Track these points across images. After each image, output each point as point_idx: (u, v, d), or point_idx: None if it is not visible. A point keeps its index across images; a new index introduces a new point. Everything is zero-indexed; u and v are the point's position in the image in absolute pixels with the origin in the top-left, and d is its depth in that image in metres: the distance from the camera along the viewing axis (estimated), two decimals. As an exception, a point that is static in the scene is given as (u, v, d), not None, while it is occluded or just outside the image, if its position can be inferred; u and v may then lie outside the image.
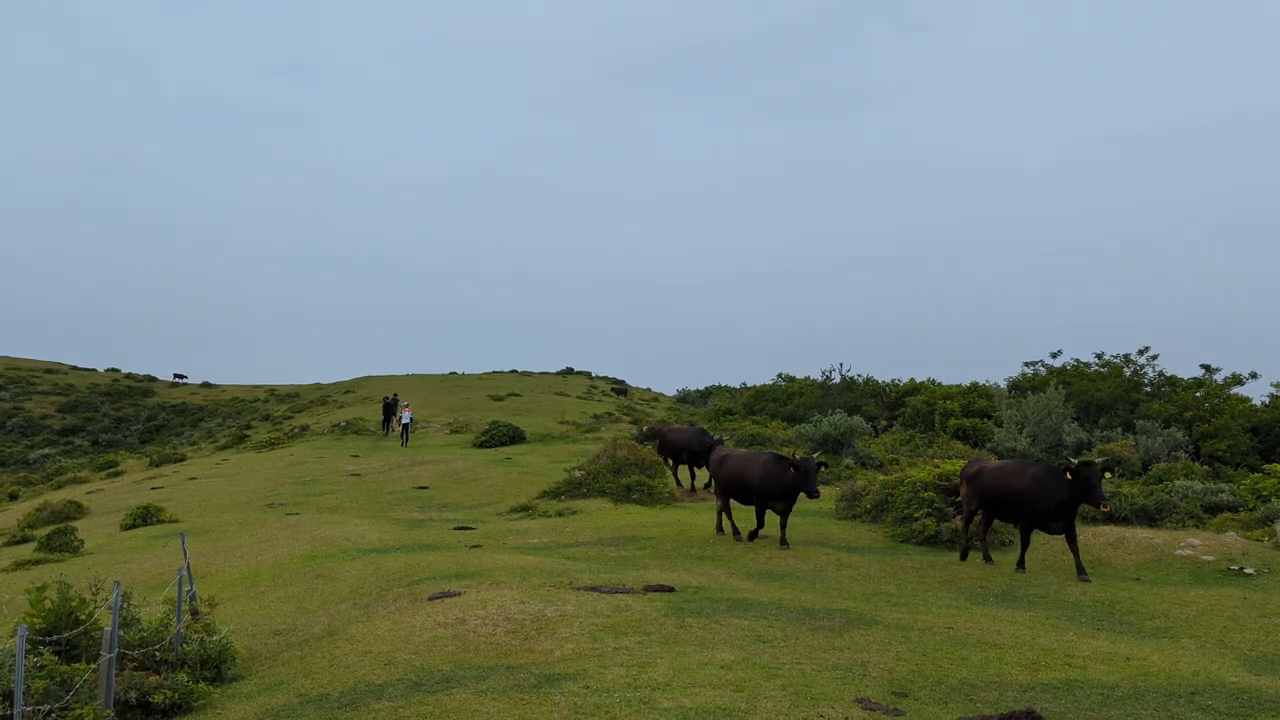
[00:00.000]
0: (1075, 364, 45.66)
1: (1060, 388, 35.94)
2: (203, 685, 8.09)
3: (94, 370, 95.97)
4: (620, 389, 76.06)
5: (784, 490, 14.79)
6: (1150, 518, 16.54)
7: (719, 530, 16.37)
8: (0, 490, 41.08)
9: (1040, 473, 13.36)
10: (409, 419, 39.25)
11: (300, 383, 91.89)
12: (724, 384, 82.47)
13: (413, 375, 75.82)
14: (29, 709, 6.83)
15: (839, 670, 7.69)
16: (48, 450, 64.07)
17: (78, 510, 25.44)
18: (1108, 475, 13.31)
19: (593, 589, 10.82)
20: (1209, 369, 39.91)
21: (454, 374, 79.40)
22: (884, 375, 64.80)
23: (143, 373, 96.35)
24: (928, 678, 7.60)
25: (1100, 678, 7.77)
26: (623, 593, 10.67)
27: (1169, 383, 40.88)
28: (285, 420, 57.03)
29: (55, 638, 7.89)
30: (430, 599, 10.56)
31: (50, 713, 6.90)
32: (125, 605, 8.62)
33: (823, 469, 16.32)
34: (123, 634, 8.19)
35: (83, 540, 19.16)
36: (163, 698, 7.65)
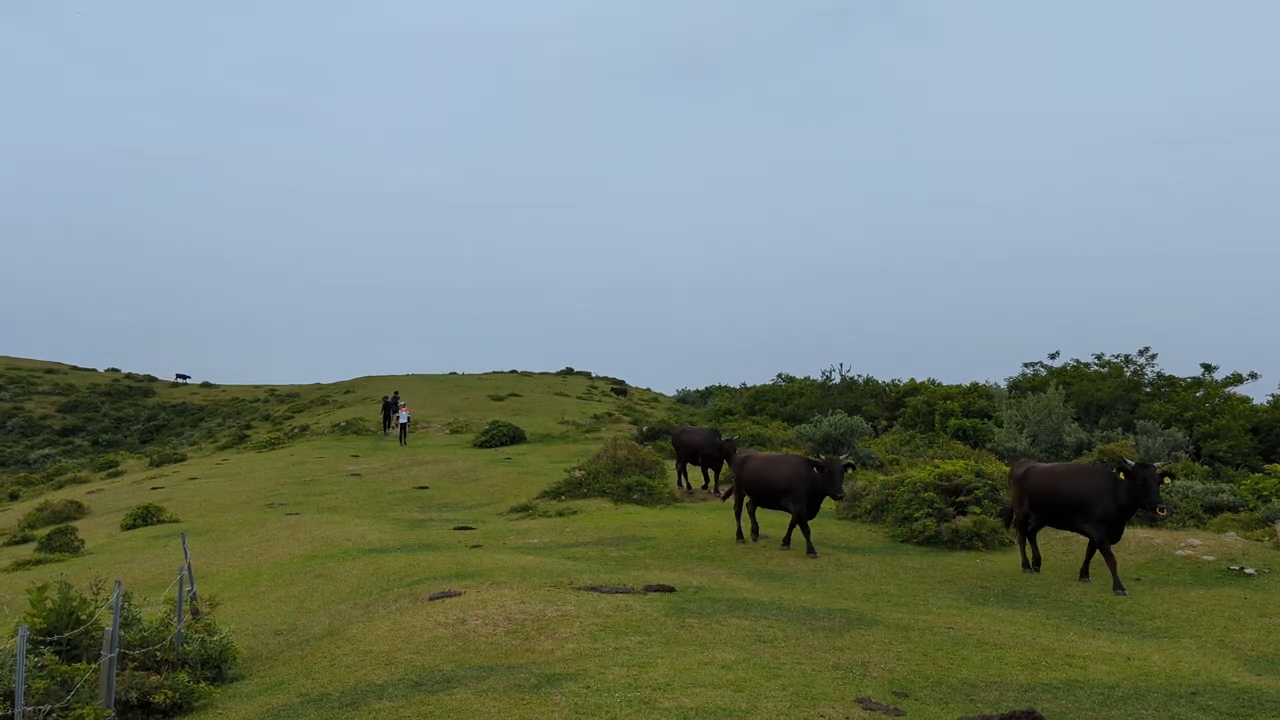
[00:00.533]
0: (1075, 364, 45.68)
1: (1060, 388, 35.97)
2: (203, 685, 8.10)
3: (94, 370, 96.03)
4: (620, 389, 76.09)
5: (813, 492, 14.54)
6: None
7: (739, 538, 15.78)
8: (0, 490, 41.13)
9: (1099, 474, 12.55)
10: (406, 418, 39.30)
11: (300, 383, 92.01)
12: (724, 384, 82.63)
13: (413, 375, 75.77)
14: (30, 709, 6.83)
15: (839, 670, 7.69)
16: (48, 450, 64.14)
17: (78, 510, 25.48)
18: (1167, 481, 12.64)
19: (593, 589, 10.82)
20: (1208, 368, 39.98)
21: (454, 374, 79.43)
22: (884, 375, 64.91)
23: (143, 373, 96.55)
24: (928, 678, 7.61)
25: (1101, 678, 7.77)
26: (623, 593, 10.67)
27: (1169, 383, 40.90)
28: (285, 420, 57.06)
29: (56, 638, 7.89)
30: (431, 599, 10.56)
31: (51, 712, 6.90)
32: (126, 605, 8.62)
33: (849, 471, 15.44)
34: (123, 634, 8.19)
35: (83, 540, 19.19)
36: (164, 698, 7.65)
